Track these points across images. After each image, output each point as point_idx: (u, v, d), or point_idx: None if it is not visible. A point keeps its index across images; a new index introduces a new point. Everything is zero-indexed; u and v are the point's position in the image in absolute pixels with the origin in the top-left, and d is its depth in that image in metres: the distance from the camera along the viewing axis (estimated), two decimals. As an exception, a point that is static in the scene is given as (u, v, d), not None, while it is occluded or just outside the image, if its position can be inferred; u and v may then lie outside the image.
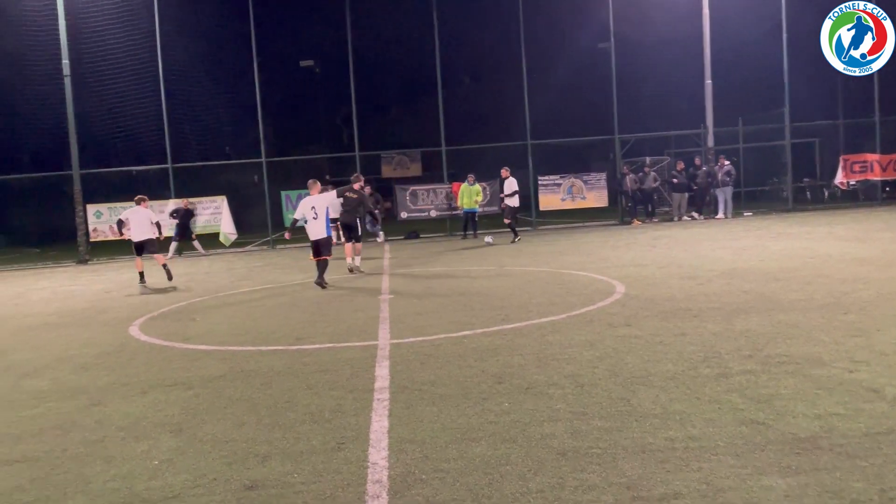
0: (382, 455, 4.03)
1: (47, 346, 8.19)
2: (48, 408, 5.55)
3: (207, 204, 21.06)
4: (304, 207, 11.80)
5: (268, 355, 6.90)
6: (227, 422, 4.87)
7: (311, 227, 11.73)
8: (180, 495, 3.69)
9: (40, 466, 4.26)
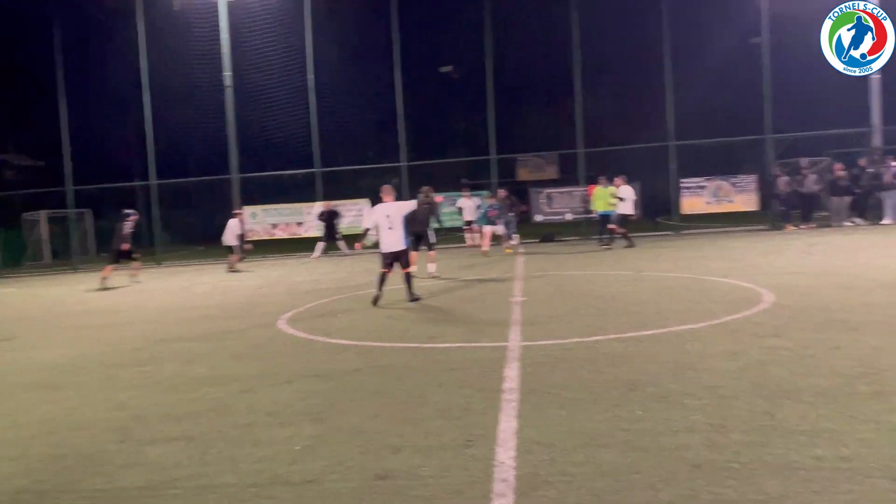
0: (510, 455, 4.06)
1: (207, 336, 8.92)
2: (205, 392, 6.05)
3: (351, 207, 22.03)
4: (378, 216, 10.68)
5: (402, 352, 7.12)
6: (363, 413, 5.09)
7: (387, 238, 10.58)
8: (318, 480, 3.91)
9: (196, 445, 4.65)
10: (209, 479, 4.04)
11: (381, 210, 10.70)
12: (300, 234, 22.83)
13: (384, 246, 10.64)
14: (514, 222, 20.45)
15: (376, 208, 10.88)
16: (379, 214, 10.67)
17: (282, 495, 3.73)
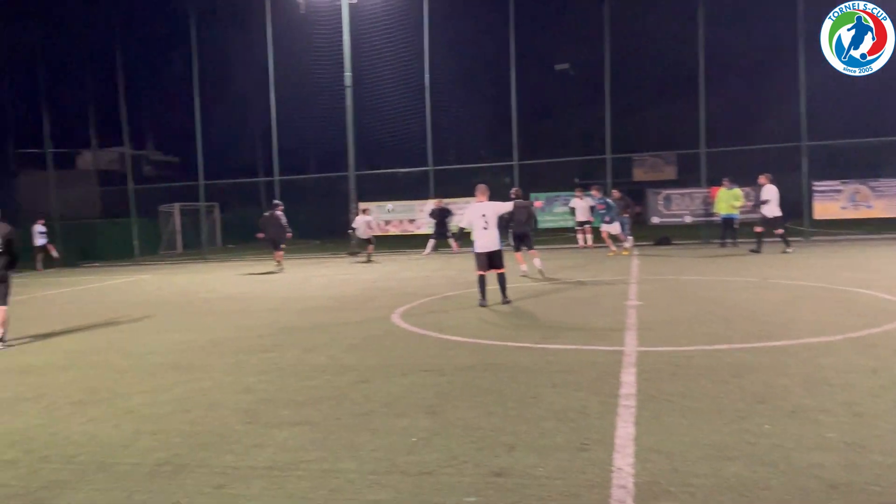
0: (628, 461, 3.96)
1: (326, 326, 9.26)
2: (325, 380, 6.28)
3: (462, 205, 22.20)
4: (473, 215, 10.38)
5: (514, 351, 7.11)
6: (476, 409, 5.12)
7: (482, 238, 10.31)
8: (434, 472, 3.97)
9: (318, 430, 4.84)
10: (330, 463, 4.20)
11: (476, 210, 10.42)
12: (412, 231, 23.26)
13: (479, 246, 10.40)
14: (628, 223, 19.91)
15: (471, 208, 10.62)
16: (474, 214, 10.41)
17: (399, 485, 3.82)
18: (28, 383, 6.76)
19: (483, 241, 10.33)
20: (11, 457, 4.62)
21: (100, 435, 4.99)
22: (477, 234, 10.40)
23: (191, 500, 3.74)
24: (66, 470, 4.31)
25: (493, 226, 10.30)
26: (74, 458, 4.53)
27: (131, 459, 4.44)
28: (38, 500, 3.86)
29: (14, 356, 8.24)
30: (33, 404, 5.96)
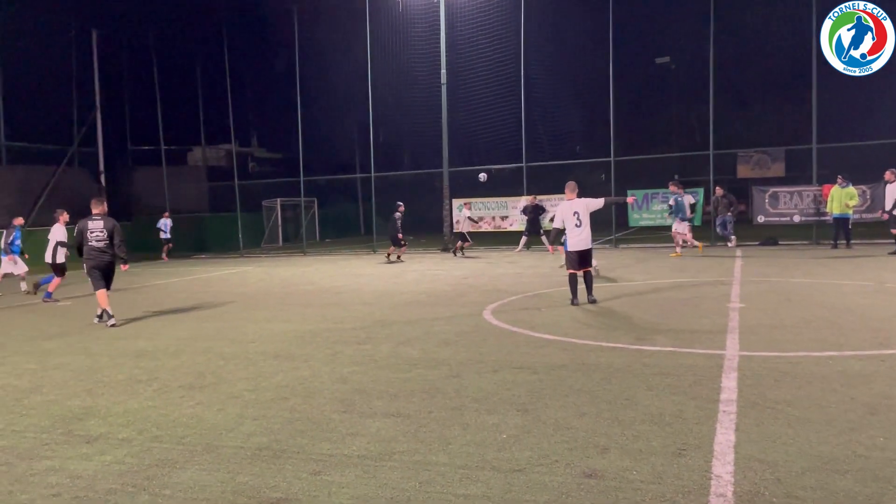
0: (727, 469, 3.81)
1: (418, 321, 9.39)
2: (418, 373, 6.37)
3: (557, 201, 21.96)
4: (565, 213, 10.20)
5: (608, 351, 6.97)
6: (568, 409, 5.06)
7: (575, 236, 10.15)
8: (525, 470, 3.95)
9: (410, 422, 4.92)
10: (422, 455, 4.25)
11: (567, 208, 10.20)
12: (504, 228, 23.21)
13: (572, 245, 10.25)
14: (732, 222, 19.14)
15: (562, 206, 10.39)
16: (566, 212, 10.21)
17: (490, 480, 3.83)
18: (142, 367, 7.21)
19: (575, 240, 10.18)
20: (126, 435, 4.94)
21: (206, 418, 5.26)
22: (570, 233, 10.25)
23: (289, 485, 3.88)
24: (175, 450, 4.57)
25: (585, 223, 10.16)
26: (183, 438, 4.79)
27: (235, 443, 4.66)
28: (150, 478, 4.11)
29: (130, 341, 8.80)
30: (146, 386, 6.35)
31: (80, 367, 7.34)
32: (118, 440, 4.82)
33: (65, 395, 6.15)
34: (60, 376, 6.91)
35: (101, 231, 10.28)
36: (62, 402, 5.89)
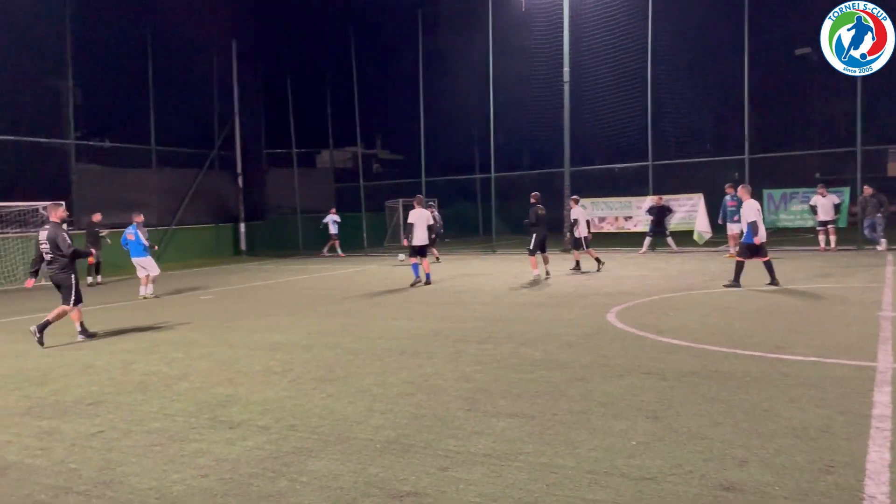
0: (882, 490, 3.52)
1: (538, 322, 9.32)
2: (541, 375, 6.32)
3: (684, 201, 21.12)
4: (754, 213, 11.71)
5: (743, 359, 6.61)
6: (701, 418, 4.85)
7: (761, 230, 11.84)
8: (657, 478, 3.82)
9: (535, 424, 4.88)
10: (548, 458, 4.21)
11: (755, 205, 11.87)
12: (628, 229, 22.57)
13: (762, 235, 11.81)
14: (882, 224, 17.67)
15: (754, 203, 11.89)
16: (754, 211, 11.71)
17: (620, 487, 3.73)
18: (277, 359, 7.60)
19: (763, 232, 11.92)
20: (265, 423, 5.21)
21: (338, 410, 5.47)
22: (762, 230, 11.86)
23: (417, 480, 3.96)
24: (310, 439, 4.78)
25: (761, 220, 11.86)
26: (317, 428, 5.00)
27: (364, 435, 4.80)
28: (287, 464, 4.31)
29: (265, 335, 9.30)
30: (281, 377, 6.68)
31: (221, 357, 7.84)
32: (258, 427, 5.11)
33: (209, 383, 6.59)
34: (205, 365, 7.41)
35: (44, 242, 9.11)
36: (207, 390, 6.30)
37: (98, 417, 5.53)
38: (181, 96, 26.03)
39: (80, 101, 23.54)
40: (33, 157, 21.62)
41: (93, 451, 4.70)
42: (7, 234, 18.94)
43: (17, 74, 20.57)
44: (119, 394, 6.28)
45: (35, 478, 4.26)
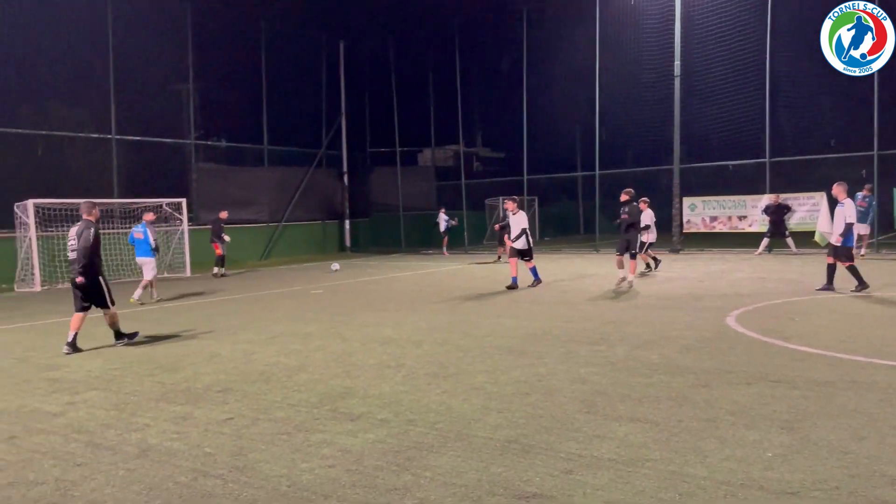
0: None
1: (653, 324, 9.03)
2: (659, 380, 6.11)
3: (804, 200, 19.97)
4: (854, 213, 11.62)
5: (884, 370, 6.15)
6: (842, 431, 4.53)
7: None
8: (799, 494, 3.60)
9: (660, 430, 4.71)
10: (677, 466, 4.05)
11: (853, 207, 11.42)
12: (742, 229, 21.54)
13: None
14: None
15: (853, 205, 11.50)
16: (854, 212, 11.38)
17: (759, 500, 3.54)
18: (389, 353, 7.72)
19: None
20: (384, 416, 5.30)
21: (454, 406, 5.48)
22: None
23: (542, 481, 3.90)
24: (429, 434, 4.81)
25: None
26: (435, 424, 5.03)
27: (483, 433, 4.79)
28: (410, 458, 4.35)
29: (377, 329, 9.47)
30: (395, 372, 6.78)
31: (336, 350, 8.05)
32: (377, 420, 5.19)
33: (327, 375, 6.77)
34: (321, 357, 7.63)
35: (72, 238, 8.60)
36: (325, 381, 6.48)
37: (227, 405, 5.79)
38: (292, 97, 27.00)
39: (199, 104, 24.84)
40: (158, 156, 23.01)
41: (225, 437, 4.92)
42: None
43: (145, 81, 21.96)
44: (244, 382, 6.56)
45: (174, 460, 4.50)
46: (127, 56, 20.97)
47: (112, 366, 7.57)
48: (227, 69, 24.69)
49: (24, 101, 19.47)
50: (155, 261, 13.76)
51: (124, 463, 4.46)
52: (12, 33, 17.74)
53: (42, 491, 4.05)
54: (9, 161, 19.22)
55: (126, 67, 21.07)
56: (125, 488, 4.04)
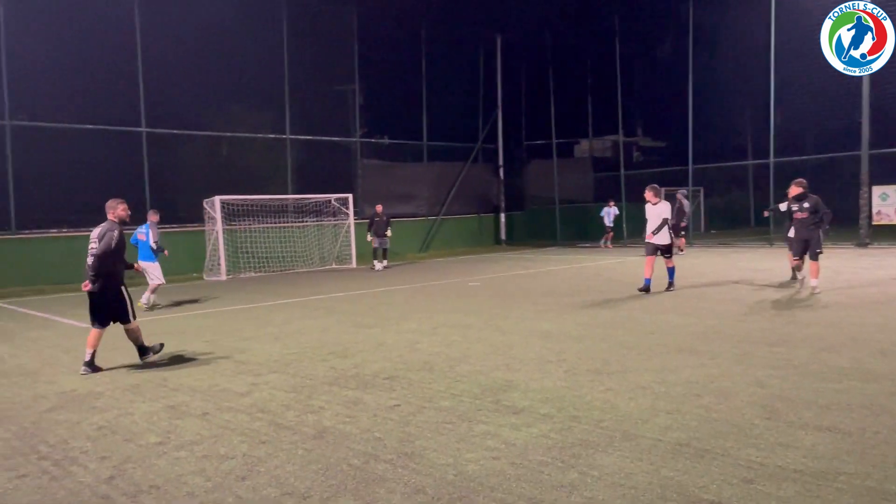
0: None
1: (839, 325, 8.25)
2: (850, 385, 5.56)
3: None
4: None
5: None
6: None
7: None
8: None
9: (852, 441, 4.29)
10: (876, 482, 3.66)
11: None
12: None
13: None
14: None
15: None
16: None
17: (982, 531, 3.10)
18: (549, 348, 7.64)
19: None
20: (546, 411, 5.24)
21: (619, 405, 5.31)
22: None
23: (719, 489, 3.67)
24: (594, 432, 4.69)
25: None
26: (600, 422, 4.90)
27: (651, 434, 4.59)
28: (576, 456, 4.27)
29: (535, 323, 9.41)
30: (556, 367, 6.69)
31: (495, 342, 8.09)
32: (540, 415, 5.15)
33: (488, 367, 6.82)
34: (482, 349, 7.70)
35: (93, 241, 7.38)
36: (487, 374, 6.53)
37: (394, 392, 6.00)
38: (449, 94, 27.53)
39: (364, 103, 25.98)
40: (327, 154, 24.38)
41: (393, 423, 5.09)
42: (305, 222, 21.59)
43: (315, 84, 23.33)
44: (409, 371, 6.76)
45: (347, 443, 4.72)
46: (299, 62, 22.41)
47: (289, 351, 8.10)
48: (390, 69, 25.61)
49: (210, 106, 21.37)
50: (159, 265, 12.45)
51: (303, 443, 4.75)
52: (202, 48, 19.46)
53: (231, 465, 4.40)
54: (198, 161, 21.21)
55: (298, 72, 22.51)
56: (304, 467, 4.29)
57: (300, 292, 14.30)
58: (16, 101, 17.47)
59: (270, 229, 20.48)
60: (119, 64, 18.76)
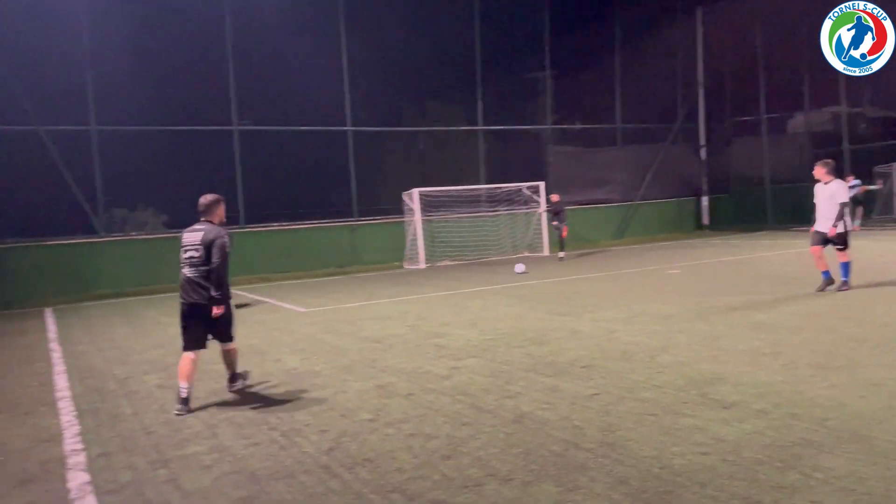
0: None
1: None
2: None
3: None
4: None
5: None
6: None
7: None
8: None
9: None
10: None
11: None
12: None
13: None
14: None
15: None
16: None
17: None
18: (762, 339, 7.08)
19: None
20: (761, 407, 4.86)
21: (847, 403, 4.80)
22: None
23: (978, 504, 3.18)
24: (817, 432, 4.28)
25: None
26: (825, 421, 4.46)
27: (887, 437, 4.11)
28: (796, 456, 3.92)
29: (744, 313, 8.77)
30: (771, 360, 6.19)
31: (699, 333, 7.66)
32: (753, 410, 4.79)
33: (692, 358, 6.48)
34: (684, 340, 7.33)
35: (195, 248, 6.03)
36: (691, 365, 6.20)
37: (591, 380, 5.90)
38: (645, 73, 26.42)
39: (555, 90, 25.73)
40: (518, 143, 24.53)
41: (592, 412, 5.01)
42: (498, 211, 21.89)
43: (506, 73, 23.57)
44: (606, 360, 6.62)
45: (546, 429, 4.73)
46: (491, 53, 22.72)
47: (486, 336, 8.27)
48: (581, 52, 25.11)
49: (407, 102, 22.37)
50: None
51: (503, 427, 4.83)
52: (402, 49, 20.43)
53: (436, 444, 4.59)
54: (397, 155, 22.33)
55: (490, 63, 22.83)
56: (505, 450, 4.37)
57: (494, 279, 14.54)
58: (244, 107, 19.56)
59: (464, 219, 21.03)
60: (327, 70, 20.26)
